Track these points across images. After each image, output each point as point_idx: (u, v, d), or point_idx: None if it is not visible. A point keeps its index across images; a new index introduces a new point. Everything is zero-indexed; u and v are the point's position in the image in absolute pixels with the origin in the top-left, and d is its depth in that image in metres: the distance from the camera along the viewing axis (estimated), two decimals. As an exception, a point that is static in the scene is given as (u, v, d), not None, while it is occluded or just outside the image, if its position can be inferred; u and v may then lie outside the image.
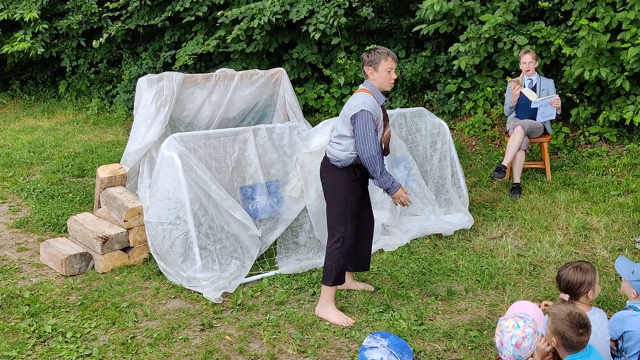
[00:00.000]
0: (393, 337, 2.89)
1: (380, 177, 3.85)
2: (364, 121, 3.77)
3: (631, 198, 5.81)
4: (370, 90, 3.92)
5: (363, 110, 3.79)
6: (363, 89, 3.94)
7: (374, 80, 3.92)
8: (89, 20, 10.65)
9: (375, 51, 3.90)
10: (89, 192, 6.47)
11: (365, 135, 3.77)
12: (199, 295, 4.29)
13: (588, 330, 2.75)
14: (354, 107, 3.84)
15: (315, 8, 8.26)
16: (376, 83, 3.93)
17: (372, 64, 3.89)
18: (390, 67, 3.88)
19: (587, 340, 2.76)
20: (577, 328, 2.74)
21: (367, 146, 3.78)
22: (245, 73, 5.92)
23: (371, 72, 3.91)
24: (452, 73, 8.29)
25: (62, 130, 9.57)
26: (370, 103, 3.83)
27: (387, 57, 3.87)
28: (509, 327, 2.81)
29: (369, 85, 3.94)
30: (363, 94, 3.90)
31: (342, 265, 3.96)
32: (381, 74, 3.89)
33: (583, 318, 2.76)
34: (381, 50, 3.89)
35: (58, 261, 4.65)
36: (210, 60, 10.05)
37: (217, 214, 4.56)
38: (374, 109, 3.83)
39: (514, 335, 2.77)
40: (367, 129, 3.77)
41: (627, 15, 6.31)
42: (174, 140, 4.56)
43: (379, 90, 3.94)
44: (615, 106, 6.91)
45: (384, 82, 3.91)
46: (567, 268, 3.18)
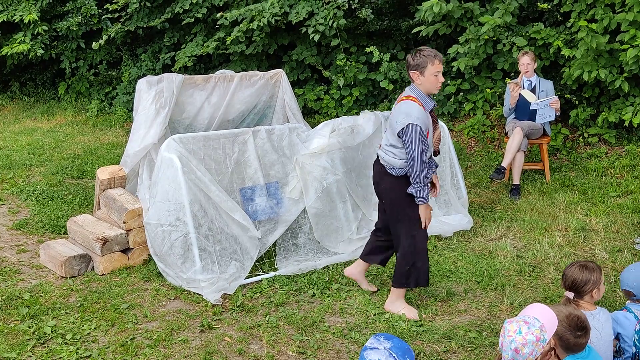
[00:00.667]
0: (397, 340, 2.88)
1: (416, 187, 3.76)
2: (411, 135, 3.65)
3: (630, 199, 5.82)
4: (417, 97, 3.76)
5: (410, 124, 3.65)
6: (409, 96, 3.77)
7: (420, 85, 3.76)
8: (89, 22, 10.65)
9: (420, 54, 3.71)
10: (88, 194, 6.48)
11: (412, 151, 3.68)
12: (199, 296, 4.29)
13: (586, 333, 2.75)
14: (400, 120, 3.71)
15: (314, 10, 8.27)
16: (423, 88, 3.76)
17: (418, 67, 3.71)
18: (438, 71, 3.71)
19: (585, 342, 2.76)
20: (574, 330, 2.74)
21: (414, 162, 3.69)
22: (245, 74, 5.92)
23: (417, 77, 3.74)
24: (452, 74, 8.30)
25: (62, 131, 9.57)
26: (417, 115, 3.68)
27: (434, 61, 3.69)
28: (510, 331, 2.79)
29: (415, 91, 3.78)
30: (408, 102, 3.73)
31: (422, 265, 3.93)
32: (428, 78, 3.72)
33: (582, 321, 2.76)
34: (427, 52, 3.70)
35: (58, 263, 4.65)
36: (209, 62, 10.05)
37: (217, 215, 4.56)
38: (422, 120, 3.69)
39: (513, 340, 2.76)
40: (414, 143, 3.66)
41: (626, 16, 6.32)
42: (173, 141, 4.57)
43: (426, 94, 3.79)
44: (614, 107, 6.92)
45: (431, 86, 3.75)
46: (574, 266, 3.19)
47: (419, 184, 3.75)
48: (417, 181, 3.74)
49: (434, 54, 3.71)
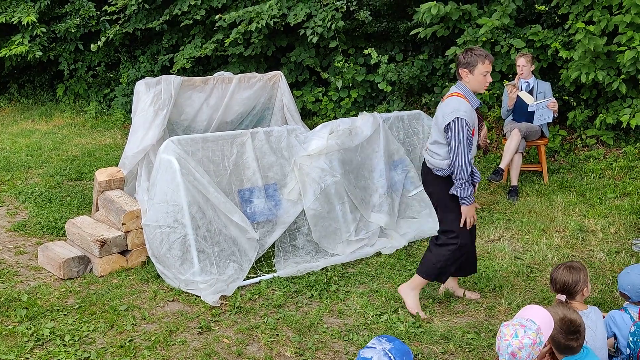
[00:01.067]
0: (398, 342, 2.89)
1: (459, 185, 3.73)
2: (457, 130, 3.65)
3: (628, 200, 5.83)
4: (464, 94, 3.78)
5: (457, 118, 3.65)
6: (456, 93, 3.79)
7: (468, 82, 3.79)
8: (87, 23, 10.66)
9: (472, 53, 3.74)
10: (87, 196, 6.48)
11: (457, 146, 3.66)
12: (197, 298, 4.29)
13: (579, 336, 2.75)
14: (447, 114, 3.70)
15: (312, 11, 8.28)
16: (470, 86, 3.79)
17: (468, 66, 3.75)
18: (487, 71, 3.75)
19: (578, 346, 2.77)
20: (567, 334, 2.75)
21: (458, 156, 3.67)
22: (243, 76, 5.93)
23: (466, 75, 3.77)
24: (450, 76, 8.31)
25: (60, 133, 9.57)
26: (464, 109, 3.69)
27: (484, 60, 3.72)
28: (507, 335, 2.79)
29: (462, 88, 3.81)
30: (457, 98, 3.75)
31: (450, 268, 3.93)
32: (477, 77, 3.75)
33: (575, 325, 2.75)
34: (478, 52, 3.74)
35: (56, 264, 4.65)
36: (208, 64, 10.06)
37: (215, 217, 4.57)
38: (469, 115, 3.70)
39: (510, 344, 2.76)
40: (461, 137, 3.65)
41: (624, 18, 6.34)
42: (172, 143, 4.57)
43: (472, 93, 3.82)
44: (612, 109, 6.94)
45: (478, 85, 3.78)
46: (560, 269, 3.21)
47: (461, 181, 3.71)
48: (460, 177, 3.70)
49: (485, 54, 3.75)
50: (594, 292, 4.24)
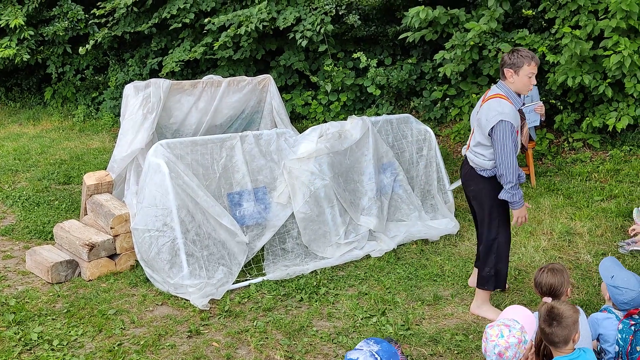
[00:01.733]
0: (386, 344, 2.91)
1: (509, 190, 3.72)
2: (503, 133, 3.64)
3: (614, 203, 5.89)
4: (506, 94, 3.77)
5: (502, 120, 3.64)
6: (498, 95, 3.77)
7: (512, 83, 3.77)
8: (75, 26, 10.61)
9: (518, 54, 3.72)
10: (75, 200, 6.44)
11: (504, 149, 3.65)
12: (186, 302, 4.28)
13: (559, 323, 2.73)
14: (492, 117, 3.68)
15: (302, 15, 8.30)
16: (513, 86, 3.77)
17: (514, 66, 3.73)
18: (533, 72, 3.73)
19: (559, 334, 2.73)
20: (542, 319, 2.77)
21: (505, 159, 3.66)
22: (233, 80, 5.94)
23: (511, 75, 3.75)
24: (438, 80, 8.37)
25: (48, 137, 9.52)
26: (508, 112, 3.67)
27: (530, 62, 3.71)
28: (492, 335, 2.82)
29: (504, 89, 3.79)
30: (499, 100, 3.73)
31: (502, 269, 3.95)
32: (521, 78, 3.73)
33: (553, 311, 2.75)
34: (525, 53, 3.72)
35: (44, 269, 4.63)
36: (197, 67, 10.05)
37: (204, 220, 4.56)
38: (513, 117, 3.69)
39: (496, 345, 2.79)
40: (506, 140, 3.64)
41: (609, 23, 6.42)
42: (160, 147, 4.57)
43: (515, 93, 3.80)
44: (598, 112, 7.01)
45: (522, 87, 3.76)
46: (543, 273, 3.24)
47: (510, 185, 3.70)
48: (509, 181, 3.69)
49: (531, 55, 3.74)
50: (581, 293, 4.28)
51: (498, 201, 3.85)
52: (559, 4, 7.04)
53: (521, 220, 3.85)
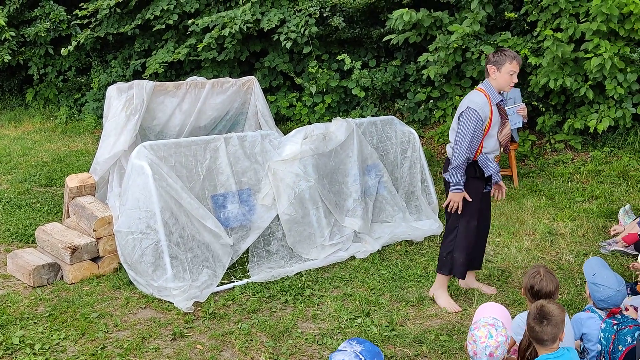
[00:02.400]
0: (369, 344, 2.92)
1: (450, 170, 3.95)
2: (467, 118, 3.89)
3: (595, 204, 5.96)
4: (486, 89, 4.01)
5: (469, 107, 3.90)
6: (478, 88, 4.04)
7: (494, 80, 4.00)
8: (57, 27, 10.51)
9: (502, 52, 3.97)
10: (57, 202, 6.38)
11: (462, 133, 3.89)
12: (170, 304, 4.26)
13: (548, 321, 2.76)
14: (463, 104, 3.96)
15: (286, 17, 8.31)
16: (495, 83, 4.01)
17: (496, 64, 3.97)
18: (514, 71, 3.96)
19: (547, 332, 2.77)
20: (532, 318, 2.79)
21: (460, 142, 3.89)
22: (217, 81, 5.92)
23: (493, 72, 3.99)
24: (422, 82, 8.41)
25: (30, 139, 9.41)
26: (478, 101, 3.91)
27: (512, 61, 3.94)
28: (482, 337, 2.82)
29: (486, 85, 4.03)
30: (475, 92, 4.00)
31: (458, 257, 4.11)
32: (503, 75, 3.97)
33: (544, 310, 2.78)
34: (508, 52, 3.97)
35: (26, 272, 4.57)
36: (181, 69, 10.01)
37: (188, 222, 4.54)
38: (481, 108, 3.90)
39: (487, 346, 2.80)
40: (469, 126, 3.88)
41: (590, 26, 6.50)
42: (144, 148, 4.54)
43: (496, 90, 4.02)
44: (580, 114, 7.10)
45: (504, 83, 3.99)
46: (539, 277, 3.17)
47: (453, 166, 3.92)
48: (455, 166, 3.92)
49: (513, 55, 3.97)
50: (563, 293, 4.33)
51: (467, 192, 4.03)
52: (541, 7, 7.12)
53: (452, 205, 4.02)
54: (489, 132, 3.99)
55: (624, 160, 6.75)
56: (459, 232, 4.11)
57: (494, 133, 4.03)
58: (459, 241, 4.12)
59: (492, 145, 4.05)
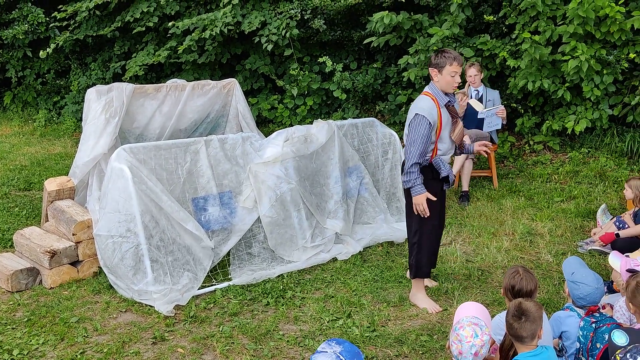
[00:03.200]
0: (348, 344, 2.93)
1: (404, 176, 4.00)
2: (415, 124, 3.93)
3: (573, 204, 6.04)
4: (432, 93, 4.04)
5: (417, 114, 3.94)
6: (425, 92, 4.06)
7: (437, 82, 4.04)
8: (36, 30, 10.40)
9: (442, 54, 4.00)
10: (36, 206, 6.31)
11: (412, 138, 3.93)
12: (151, 308, 4.23)
13: (527, 317, 2.80)
14: (411, 111, 4.01)
15: (267, 19, 8.31)
16: (439, 85, 4.04)
17: (437, 66, 4.01)
18: (455, 72, 3.99)
19: (527, 329, 2.79)
20: (512, 315, 2.83)
21: (410, 147, 3.93)
22: (197, 84, 5.90)
23: (435, 74, 4.03)
24: (403, 84, 8.46)
25: (8, 142, 9.29)
26: (425, 106, 3.95)
27: (452, 62, 3.97)
28: (467, 336, 2.84)
29: (432, 88, 4.06)
30: (421, 97, 4.04)
31: (422, 258, 4.17)
32: (445, 77, 3.99)
33: (521, 307, 2.82)
34: (448, 54, 3.99)
35: (3, 277, 4.51)
36: (161, 71, 9.95)
37: (169, 225, 4.52)
38: (429, 112, 3.93)
39: (473, 345, 2.82)
40: (417, 132, 3.92)
41: (567, 29, 6.60)
42: (123, 151, 4.51)
43: (441, 91, 4.05)
44: (558, 116, 7.19)
45: (446, 85, 4.02)
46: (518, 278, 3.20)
47: (407, 174, 3.97)
48: (407, 171, 3.97)
49: (454, 56, 4.00)
50: (542, 292, 4.38)
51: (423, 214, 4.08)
52: (519, 10, 7.20)
53: (419, 209, 4.05)
54: (441, 134, 4.05)
55: (601, 161, 6.85)
56: (422, 235, 4.16)
57: (446, 134, 4.09)
58: (423, 243, 4.18)
59: (446, 147, 4.11)
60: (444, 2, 7.81)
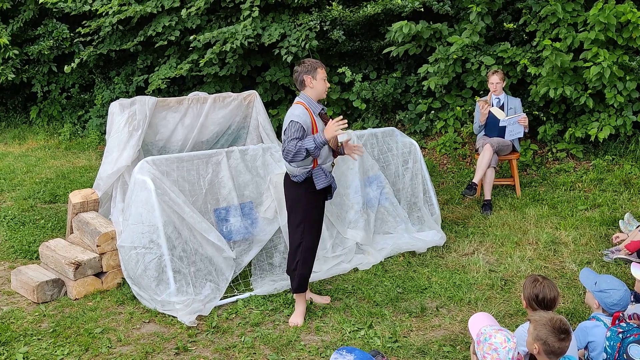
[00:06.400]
0: (359, 352, 2.92)
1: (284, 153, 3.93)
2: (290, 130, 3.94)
3: (598, 212, 5.96)
4: (305, 102, 4.07)
5: (292, 121, 3.96)
6: (297, 102, 4.10)
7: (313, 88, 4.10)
8: (61, 45, 10.62)
9: (308, 62, 4.09)
10: (61, 218, 6.41)
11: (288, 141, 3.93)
12: (174, 319, 4.27)
13: (569, 335, 2.79)
14: (286, 120, 4.02)
15: (287, 31, 8.37)
16: (314, 92, 4.10)
17: (311, 72, 4.09)
18: (325, 75, 4.13)
19: (568, 345, 2.80)
20: (558, 333, 2.78)
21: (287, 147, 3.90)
22: (218, 96, 5.96)
23: (310, 80, 4.08)
24: (423, 93, 8.45)
25: (34, 156, 9.47)
26: (298, 113, 3.98)
27: (322, 67, 4.11)
28: (502, 342, 2.80)
29: (304, 97, 4.11)
30: (294, 106, 4.07)
31: (305, 272, 4.17)
32: (319, 82, 4.10)
33: (564, 323, 2.81)
34: (312, 61, 4.10)
35: (29, 288, 4.59)
36: (183, 84, 10.08)
37: (191, 236, 4.56)
38: (304, 119, 3.97)
39: (510, 349, 2.79)
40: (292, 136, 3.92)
41: (588, 35, 6.54)
42: (146, 163, 4.57)
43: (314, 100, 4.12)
44: (581, 123, 7.11)
45: (322, 90, 4.12)
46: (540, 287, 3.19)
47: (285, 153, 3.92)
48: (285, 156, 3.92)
49: (318, 63, 4.12)
50: (567, 302, 4.32)
51: (306, 207, 4.10)
52: (539, 18, 7.16)
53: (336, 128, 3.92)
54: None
55: (626, 168, 6.75)
56: (304, 247, 4.14)
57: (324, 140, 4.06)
58: (305, 256, 4.15)
59: (325, 155, 4.10)
60: (463, 11, 7.80)
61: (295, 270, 4.16)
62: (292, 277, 4.20)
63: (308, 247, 4.14)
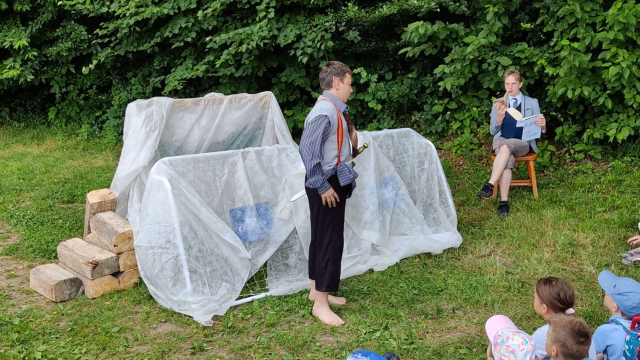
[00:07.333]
0: (373, 355, 2.91)
1: (309, 178, 4.06)
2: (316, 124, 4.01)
3: (617, 214, 5.89)
4: (331, 100, 4.15)
5: (320, 115, 4.03)
6: (323, 99, 4.18)
7: (339, 90, 4.19)
8: (79, 47, 10.73)
9: (336, 65, 4.18)
10: (78, 218, 6.47)
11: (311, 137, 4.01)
12: (190, 318, 4.29)
13: (588, 339, 2.76)
14: (313, 113, 4.09)
15: (302, 32, 8.38)
16: (340, 93, 4.20)
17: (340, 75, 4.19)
18: (351, 80, 4.24)
19: (587, 349, 2.77)
20: (577, 336, 2.75)
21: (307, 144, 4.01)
22: (234, 97, 5.99)
23: (338, 83, 4.17)
24: (439, 94, 8.41)
25: (52, 156, 9.58)
26: (327, 108, 4.06)
27: (350, 71, 4.22)
28: (519, 344, 2.78)
29: (329, 96, 4.19)
30: (322, 102, 4.15)
31: (333, 269, 4.20)
32: (345, 85, 4.20)
33: (584, 327, 2.78)
34: (340, 64, 4.20)
35: (48, 287, 4.64)
36: (199, 85, 10.13)
37: (207, 236, 4.58)
38: (331, 115, 4.05)
39: (527, 352, 2.77)
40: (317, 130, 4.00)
41: (607, 35, 6.47)
42: (163, 164, 4.60)
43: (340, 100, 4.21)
44: (599, 124, 7.03)
45: (347, 93, 4.22)
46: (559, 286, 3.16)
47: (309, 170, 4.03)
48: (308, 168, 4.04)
49: (346, 67, 4.23)
50: (585, 305, 4.27)
51: (335, 206, 4.13)
52: (557, 17, 7.10)
53: (329, 201, 4.08)
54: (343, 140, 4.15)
55: (646, 170, 6.67)
56: (332, 245, 4.18)
57: (347, 140, 4.20)
58: (333, 254, 4.19)
59: (346, 153, 4.20)
60: (480, 11, 7.76)
61: (326, 269, 4.19)
62: (321, 276, 4.21)
63: (336, 245, 4.20)
